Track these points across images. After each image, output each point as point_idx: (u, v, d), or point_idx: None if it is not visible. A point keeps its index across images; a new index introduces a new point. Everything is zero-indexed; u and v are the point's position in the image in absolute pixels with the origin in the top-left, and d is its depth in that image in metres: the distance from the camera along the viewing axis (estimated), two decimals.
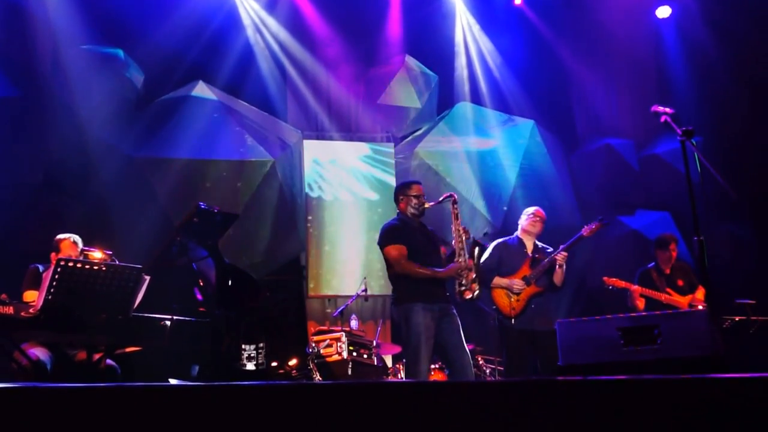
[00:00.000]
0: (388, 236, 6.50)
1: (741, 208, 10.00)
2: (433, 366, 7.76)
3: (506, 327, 7.09)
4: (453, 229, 6.50)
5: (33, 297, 5.97)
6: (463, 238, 6.44)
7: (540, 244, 7.41)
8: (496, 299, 7.16)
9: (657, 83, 11.56)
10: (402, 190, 6.70)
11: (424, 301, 6.28)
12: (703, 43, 10.89)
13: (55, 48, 9.83)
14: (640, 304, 7.65)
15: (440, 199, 6.64)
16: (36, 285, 6.16)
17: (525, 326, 7.01)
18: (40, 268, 6.40)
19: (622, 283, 7.67)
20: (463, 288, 6.32)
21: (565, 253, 7.08)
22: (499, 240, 7.52)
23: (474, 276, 6.35)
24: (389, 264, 6.49)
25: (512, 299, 7.05)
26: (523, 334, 7.01)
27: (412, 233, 6.50)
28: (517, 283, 7.07)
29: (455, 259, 6.39)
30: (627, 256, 10.55)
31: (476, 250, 6.48)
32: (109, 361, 6.14)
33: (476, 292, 6.33)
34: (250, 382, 2.87)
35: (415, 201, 6.56)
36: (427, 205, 6.56)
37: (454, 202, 6.57)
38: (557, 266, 7.08)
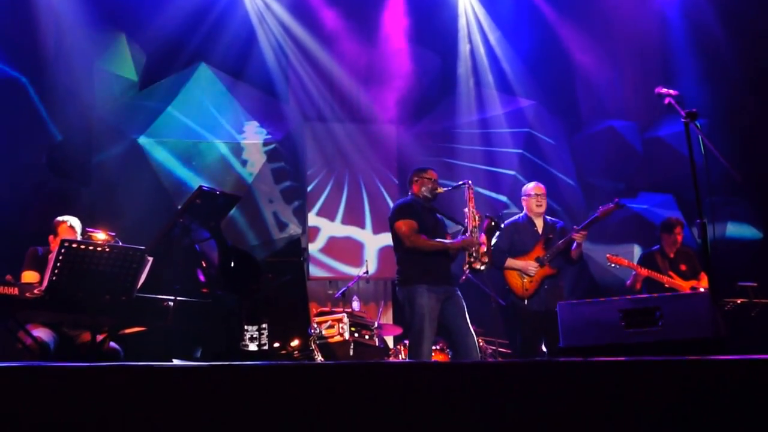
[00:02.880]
0: (399, 212, 6.63)
1: (745, 191, 9.97)
2: (434, 347, 7.78)
3: (519, 308, 7.11)
4: (466, 211, 6.64)
5: (31, 278, 6.03)
6: (476, 219, 6.58)
7: (549, 220, 7.41)
8: (510, 280, 7.18)
9: (661, 65, 11.51)
10: (417, 173, 6.86)
11: (429, 283, 6.35)
12: (709, 25, 10.82)
13: (57, 30, 9.81)
14: (638, 285, 7.65)
15: (455, 185, 6.87)
16: (34, 266, 6.20)
17: (539, 307, 7.03)
18: (39, 250, 6.41)
19: (625, 262, 7.67)
20: (473, 260, 6.43)
21: (584, 232, 7.07)
22: (509, 220, 7.53)
23: (485, 249, 6.49)
24: (399, 240, 6.57)
25: (525, 280, 7.07)
26: (537, 314, 7.02)
27: (423, 212, 6.61)
28: (531, 265, 7.08)
29: (468, 233, 6.52)
30: (629, 239, 10.56)
31: (493, 225, 6.68)
32: (112, 344, 6.16)
33: (485, 266, 6.48)
34: (253, 363, 2.89)
35: (429, 184, 6.71)
36: (440, 190, 6.75)
37: (470, 187, 6.72)
38: (576, 244, 7.10)
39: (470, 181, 6.79)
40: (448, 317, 6.42)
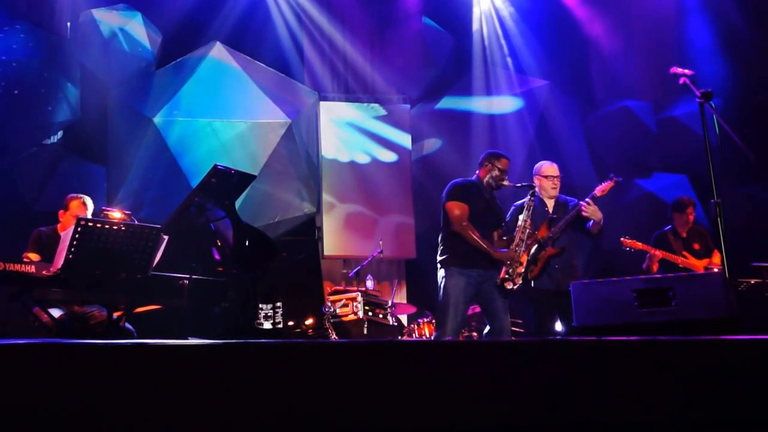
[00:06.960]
0: (453, 192, 6.56)
1: (759, 171, 9.92)
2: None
3: (529, 289, 7.01)
4: (521, 219, 6.54)
5: (32, 259, 6.05)
6: (527, 231, 6.50)
7: (562, 198, 7.22)
8: None
9: (676, 44, 11.44)
10: (490, 157, 6.71)
11: (462, 266, 6.38)
12: (725, 3, 10.75)
13: (74, 9, 9.82)
14: (655, 267, 7.63)
15: (521, 184, 6.73)
16: (36, 249, 6.28)
17: (549, 286, 6.87)
18: (43, 233, 6.47)
19: (640, 245, 7.64)
20: (507, 278, 6.35)
21: (588, 202, 6.89)
22: (519, 202, 7.31)
23: (522, 271, 6.41)
24: (448, 221, 6.52)
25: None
26: (548, 294, 6.83)
27: (478, 197, 6.55)
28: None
29: (511, 247, 6.44)
30: (643, 219, 10.53)
31: (534, 247, 6.56)
32: (126, 325, 6.21)
33: (517, 286, 6.39)
34: (267, 341, 2.91)
35: (497, 173, 6.60)
36: (505, 183, 6.62)
37: (532, 194, 6.61)
38: (592, 222, 6.86)
39: (536, 188, 6.72)
40: (485, 299, 6.48)
